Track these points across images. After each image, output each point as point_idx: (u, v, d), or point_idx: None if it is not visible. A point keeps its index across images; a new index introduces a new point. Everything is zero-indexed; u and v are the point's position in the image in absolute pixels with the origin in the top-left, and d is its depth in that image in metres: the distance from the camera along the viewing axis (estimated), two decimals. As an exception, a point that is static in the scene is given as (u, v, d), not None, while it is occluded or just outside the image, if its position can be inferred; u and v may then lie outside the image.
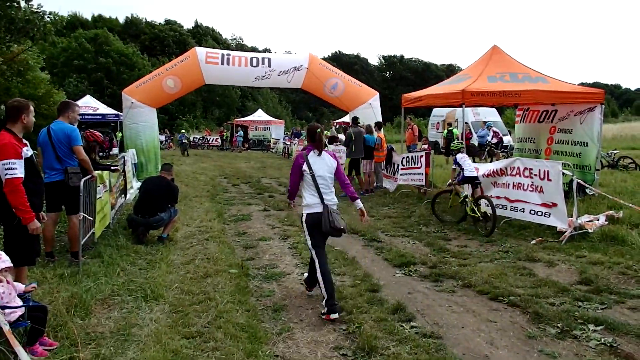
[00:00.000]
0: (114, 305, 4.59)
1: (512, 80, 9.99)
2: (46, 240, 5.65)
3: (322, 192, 4.68)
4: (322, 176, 4.73)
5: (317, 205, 4.68)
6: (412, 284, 5.43)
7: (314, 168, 4.70)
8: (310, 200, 4.71)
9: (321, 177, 4.72)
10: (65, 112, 5.73)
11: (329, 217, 4.59)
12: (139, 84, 13.86)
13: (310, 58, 14.91)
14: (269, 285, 5.46)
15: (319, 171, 4.72)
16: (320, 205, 4.66)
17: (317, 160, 4.76)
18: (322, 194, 4.68)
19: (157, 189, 7.13)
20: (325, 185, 4.74)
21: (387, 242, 7.39)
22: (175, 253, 6.53)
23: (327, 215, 4.60)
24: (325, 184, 4.75)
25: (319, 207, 4.67)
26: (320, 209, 4.66)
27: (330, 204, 4.70)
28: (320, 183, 4.69)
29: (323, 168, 4.76)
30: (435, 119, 28.45)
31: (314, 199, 4.69)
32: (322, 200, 4.67)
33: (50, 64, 38.63)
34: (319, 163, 4.76)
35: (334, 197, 4.79)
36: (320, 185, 4.69)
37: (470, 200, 8.22)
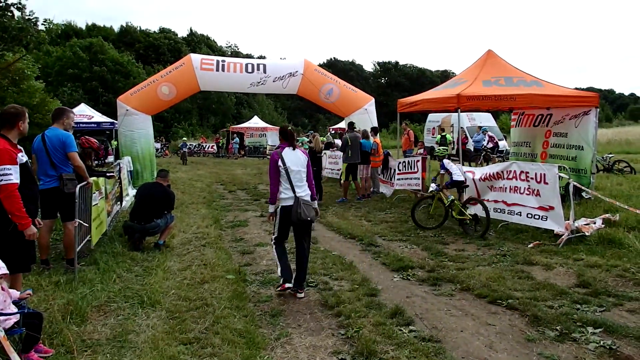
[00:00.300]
0: (110, 312, 4.54)
1: (507, 85, 10.05)
2: (41, 248, 5.60)
3: (294, 185, 5.06)
4: (295, 170, 5.08)
5: (289, 198, 5.06)
6: (410, 288, 5.41)
7: (288, 163, 5.06)
8: (284, 194, 5.09)
9: (294, 171, 5.08)
10: (60, 118, 5.70)
11: (298, 209, 4.98)
12: (134, 92, 13.85)
13: (306, 64, 14.95)
14: (267, 290, 5.43)
15: (293, 166, 5.08)
16: (293, 198, 5.03)
17: (290, 155, 5.13)
18: (294, 187, 5.05)
19: (153, 195, 7.10)
20: (298, 179, 5.11)
21: (385, 247, 7.37)
22: (172, 259, 6.49)
23: (296, 207, 4.99)
24: (299, 177, 5.12)
25: (291, 200, 5.05)
26: (291, 202, 5.03)
27: (301, 196, 5.06)
28: (293, 177, 5.06)
29: (296, 162, 5.12)
30: (431, 124, 28.58)
31: (288, 192, 5.07)
32: (295, 193, 5.03)
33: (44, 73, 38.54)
34: (293, 158, 5.12)
35: (306, 190, 5.16)
36: (294, 179, 5.07)
37: (458, 204, 8.30)
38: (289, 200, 5.07)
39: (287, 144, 5.22)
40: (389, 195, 12.36)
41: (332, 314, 4.65)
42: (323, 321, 4.53)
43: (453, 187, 8.60)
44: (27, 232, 3.98)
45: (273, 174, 5.13)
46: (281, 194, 5.12)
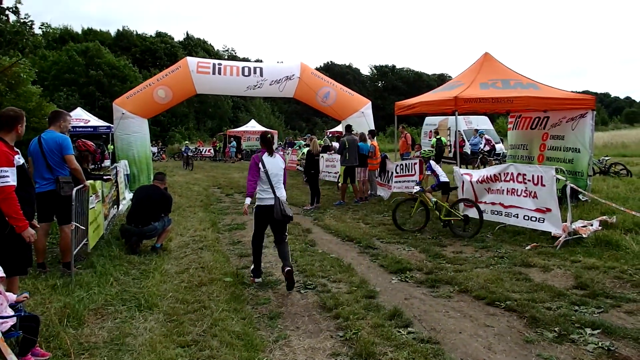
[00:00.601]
0: (107, 315, 4.52)
1: (504, 87, 10.07)
2: (37, 251, 5.56)
3: (274, 187, 5.52)
4: (274, 173, 5.56)
5: (269, 198, 5.51)
6: (408, 290, 5.41)
7: (268, 167, 5.53)
8: (264, 194, 5.54)
9: (274, 174, 5.55)
10: (56, 121, 5.68)
11: (280, 207, 5.44)
12: (130, 95, 13.84)
13: (302, 67, 14.98)
14: (265, 293, 5.41)
15: (272, 169, 5.55)
16: (273, 198, 5.49)
17: (270, 160, 5.60)
18: (274, 189, 5.51)
19: (150, 198, 7.08)
20: (277, 181, 5.58)
21: (383, 249, 7.37)
22: (169, 262, 6.47)
23: (278, 205, 5.45)
24: (277, 179, 5.59)
25: (271, 200, 5.50)
26: (272, 202, 5.49)
27: (281, 196, 5.56)
28: (273, 179, 5.52)
29: (275, 167, 5.60)
30: (428, 127, 28.62)
31: (267, 193, 5.52)
32: (275, 194, 5.48)
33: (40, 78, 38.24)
34: (272, 162, 5.60)
35: (283, 192, 5.67)
36: (273, 181, 5.52)
37: (446, 205, 8.36)
38: (269, 200, 5.51)
39: (266, 149, 5.67)
40: (387, 198, 12.35)
41: (331, 316, 4.64)
42: (321, 323, 4.52)
43: (440, 189, 8.65)
44: (24, 235, 3.95)
45: (252, 172, 5.58)
46: (261, 194, 5.56)
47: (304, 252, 7.14)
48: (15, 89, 15.07)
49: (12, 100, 14.44)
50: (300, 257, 6.77)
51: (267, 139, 5.76)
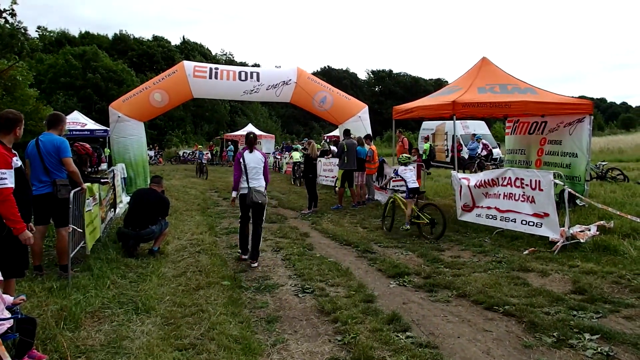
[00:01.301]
0: (104, 318, 4.48)
1: (501, 92, 10.10)
2: (34, 254, 5.52)
3: (249, 178, 6.71)
4: (252, 167, 6.75)
5: (245, 188, 6.72)
6: (406, 295, 5.40)
7: (247, 161, 6.74)
8: (242, 184, 6.76)
9: (251, 167, 6.74)
10: (57, 124, 5.65)
11: (250, 195, 6.65)
12: (126, 98, 13.80)
13: (299, 72, 15.00)
14: (263, 296, 5.39)
15: (250, 163, 6.76)
16: (247, 188, 6.68)
17: (249, 156, 6.81)
18: (249, 180, 6.70)
19: (147, 201, 7.05)
20: (255, 173, 6.76)
21: (381, 253, 7.36)
22: (167, 266, 6.44)
23: (249, 193, 6.66)
24: (255, 172, 6.76)
25: (246, 189, 6.70)
26: (246, 191, 6.68)
27: (254, 187, 6.71)
28: (250, 172, 6.71)
29: (253, 161, 6.79)
30: (425, 132, 28.71)
31: (244, 184, 6.74)
32: (248, 184, 6.68)
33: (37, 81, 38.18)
34: (251, 157, 6.80)
35: (260, 182, 6.81)
36: (250, 172, 6.72)
37: (415, 209, 8.59)
38: (244, 189, 6.73)
39: (247, 147, 6.88)
40: (384, 202, 12.35)
41: (329, 320, 4.62)
42: (319, 327, 4.50)
43: (410, 195, 8.86)
44: (22, 237, 3.93)
45: (236, 168, 6.87)
46: (241, 184, 6.76)
47: (302, 256, 7.12)
48: (12, 92, 15.04)
49: (9, 104, 14.38)
50: (298, 261, 6.74)
51: (249, 138, 7.02)
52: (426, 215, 8.45)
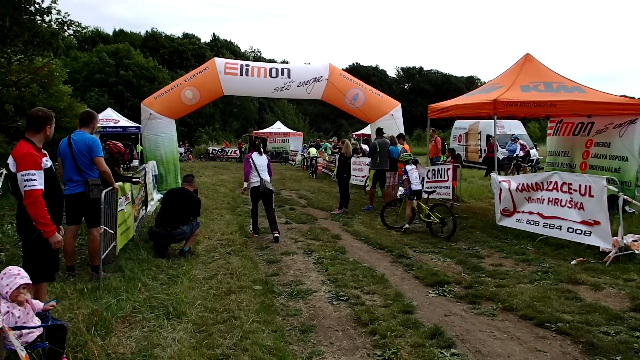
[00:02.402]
0: (135, 323, 4.36)
1: (546, 90, 9.58)
2: (66, 254, 5.48)
3: (260, 173, 8.42)
4: (260, 165, 8.53)
5: (257, 181, 8.41)
6: (447, 306, 5.09)
7: (256, 162, 8.53)
8: (254, 179, 8.46)
9: (260, 165, 8.52)
10: (90, 122, 5.57)
11: (262, 186, 8.32)
12: (158, 95, 13.85)
13: (330, 68, 14.74)
14: (296, 303, 5.18)
15: (259, 162, 8.56)
16: (259, 181, 8.36)
17: (257, 157, 8.64)
18: (260, 175, 8.40)
19: (178, 201, 6.95)
20: (262, 170, 8.48)
21: (416, 259, 7.06)
22: (197, 267, 6.31)
23: (261, 185, 8.33)
24: (262, 169, 8.50)
25: (258, 182, 8.37)
26: (258, 183, 8.36)
27: (264, 179, 8.41)
28: (259, 168, 8.47)
29: (261, 161, 8.61)
30: (457, 132, 28.02)
31: (256, 178, 8.45)
32: (260, 177, 8.38)
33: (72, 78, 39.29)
34: (259, 159, 8.63)
35: (266, 177, 8.49)
36: (259, 170, 8.47)
37: (425, 208, 8.63)
38: (257, 182, 8.38)
39: (254, 150, 8.82)
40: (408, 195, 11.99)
41: (366, 332, 4.38)
42: (357, 339, 4.26)
43: (413, 197, 8.93)
44: (51, 240, 3.83)
45: (246, 165, 8.62)
46: (253, 179, 8.47)
47: (335, 259, 6.89)
48: (47, 88, 15.32)
49: (44, 100, 14.67)
50: (331, 266, 6.51)
51: (255, 144, 9.28)
52: (436, 214, 8.47)
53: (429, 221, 8.57)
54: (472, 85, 71.25)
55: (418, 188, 9.01)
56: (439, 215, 8.40)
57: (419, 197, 8.99)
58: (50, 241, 3.82)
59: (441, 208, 8.78)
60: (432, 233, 8.39)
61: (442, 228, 8.33)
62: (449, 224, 8.32)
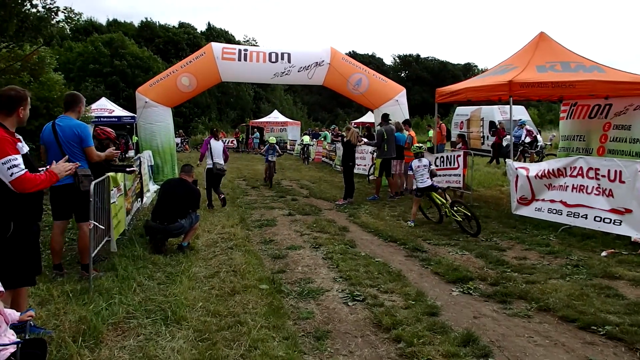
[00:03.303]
0: (129, 330, 3.86)
1: (564, 70, 9.03)
2: (53, 252, 4.95)
3: (214, 157, 9.84)
4: (216, 149, 9.93)
5: (210, 164, 9.84)
6: (475, 306, 4.61)
7: (213, 146, 9.92)
8: (209, 161, 9.87)
9: (215, 149, 9.92)
10: (75, 106, 4.97)
11: (215, 167, 9.79)
12: (153, 83, 13.25)
13: (332, 52, 14.12)
14: (307, 304, 4.69)
15: (215, 148, 9.95)
16: (212, 164, 9.80)
17: (214, 143, 10.02)
18: (214, 158, 9.83)
19: (176, 193, 6.43)
20: (216, 154, 9.88)
21: (432, 252, 6.58)
22: (197, 264, 5.80)
23: (214, 166, 9.77)
24: (217, 153, 9.89)
25: (211, 164, 9.81)
26: (211, 165, 9.80)
27: (217, 162, 9.84)
28: (214, 153, 9.86)
29: (217, 147, 10.00)
30: (459, 118, 27.48)
31: (210, 161, 9.86)
32: (213, 161, 9.80)
33: (66, 69, 38.61)
34: (215, 144, 10.01)
35: (220, 160, 9.94)
36: (214, 154, 9.87)
37: (445, 205, 8.03)
38: (210, 164, 9.83)
39: (212, 137, 10.20)
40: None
41: (390, 339, 3.89)
42: (379, 347, 3.78)
43: (421, 194, 8.42)
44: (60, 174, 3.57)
45: (204, 147, 10.16)
46: (208, 161, 9.90)
47: (345, 254, 6.39)
48: (38, 77, 14.67)
49: (35, 89, 14.01)
50: (342, 261, 6.02)
51: (213, 131, 10.46)
52: (461, 209, 7.71)
53: (457, 219, 7.72)
54: (469, 72, 70.56)
55: (424, 185, 8.36)
56: (462, 211, 7.68)
57: (433, 191, 8.34)
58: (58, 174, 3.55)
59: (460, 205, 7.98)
60: (462, 229, 7.63)
61: (469, 223, 7.57)
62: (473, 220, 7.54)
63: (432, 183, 8.41)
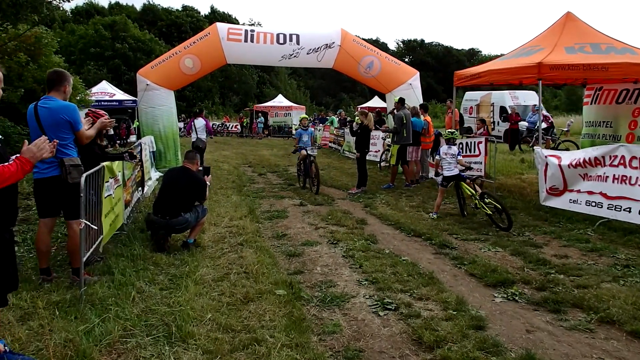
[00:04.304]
0: (126, 352, 3.27)
1: (594, 52, 8.40)
2: (40, 254, 4.35)
3: (198, 133, 12.42)
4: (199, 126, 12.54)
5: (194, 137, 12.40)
6: (524, 316, 4.01)
7: (196, 124, 12.54)
8: (193, 136, 12.56)
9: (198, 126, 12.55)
10: (59, 84, 4.29)
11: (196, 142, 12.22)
12: (155, 64, 12.56)
13: (343, 34, 13.38)
14: (331, 314, 4.10)
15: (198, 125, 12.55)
16: (196, 138, 12.26)
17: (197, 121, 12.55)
18: (197, 134, 12.42)
19: (178, 184, 5.80)
20: (200, 131, 12.49)
21: (462, 249, 5.97)
22: (205, 264, 5.21)
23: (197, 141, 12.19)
24: (200, 130, 12.54)
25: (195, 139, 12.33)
26: (195, 139, 12.29)
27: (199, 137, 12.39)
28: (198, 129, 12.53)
29: (199, 124, 12.55)
30: (468, 103, 26.73)
31: (194, 135, 12.51)
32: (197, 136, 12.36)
33: (68, 52, 37.88)
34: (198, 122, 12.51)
35: (203, 135, 12.56)
36: (198, 130, 12.52)
37: (475, 196, 7.33)
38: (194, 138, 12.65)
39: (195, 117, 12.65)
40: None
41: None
42: (422, 371, 3.19)
43: (447, 184, 7.80)
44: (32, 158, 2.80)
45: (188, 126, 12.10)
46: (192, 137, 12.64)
47: (367, 251, 5.79)
48: (36, 58, 13.98)
49: (33, 71, 13.34)
50: (365, 260, 5.42)
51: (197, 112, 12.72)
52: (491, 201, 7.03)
53: (488, 212, 7.04)
54: (473, 58, 69.38)
55: (452, 174, 7.66)
56: (493, 203, 7.02)
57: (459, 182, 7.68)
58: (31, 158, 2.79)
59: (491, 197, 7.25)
60: (493, 223, 7.01)
61: (500, 216, 6.92)
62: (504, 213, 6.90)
63: (460, 172, 7.75)
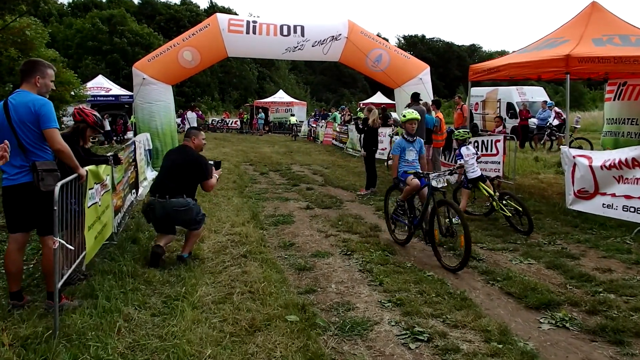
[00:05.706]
0: (107, 404, 2.66)
1: (624, 44, 7.82)
2: (9, 276, 3.68)
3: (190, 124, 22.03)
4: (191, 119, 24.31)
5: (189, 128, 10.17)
6: (582, 349, 3.40)
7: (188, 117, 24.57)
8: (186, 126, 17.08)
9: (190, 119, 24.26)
10: (31, 75, 3.64)
11: None
12: (152, 58, 11.95)
13: (350, 26, 12.76)
14: (353, 346, 3.47)
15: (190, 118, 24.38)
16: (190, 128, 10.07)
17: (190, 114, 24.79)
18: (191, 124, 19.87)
19: (174, 161, 5.13)
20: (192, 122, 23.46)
21: (491, 261, 5.36)
22: (204, 281, 4.57)
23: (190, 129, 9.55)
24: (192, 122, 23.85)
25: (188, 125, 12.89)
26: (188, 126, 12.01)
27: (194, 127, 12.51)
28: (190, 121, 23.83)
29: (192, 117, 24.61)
30: (474, 99, 26.00)
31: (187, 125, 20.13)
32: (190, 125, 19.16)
33: (65, 46, 37.18)
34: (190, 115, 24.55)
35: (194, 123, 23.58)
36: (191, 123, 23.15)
37: (493, 197, 6.93)
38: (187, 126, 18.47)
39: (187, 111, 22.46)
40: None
41: (485, 413, 2.68)
42: None
43: (470, 187, 7.20)
44: None
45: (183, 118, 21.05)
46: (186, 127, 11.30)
47: (386, 265, 5.16)
48: (27, 52, 13.34)
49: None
50: (385, 275, 4.79)
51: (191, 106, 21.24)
52: (511, 203, 6.68)
53: (507, 214, 6.69)
54: (474, 54, 68.71)
55: (476, 175, 7.14)
56: (513, 205, 6.62)
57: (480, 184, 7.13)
58: None
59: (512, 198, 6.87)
60: (512, 227, 6.64)
61: (520, 219, 6.54)
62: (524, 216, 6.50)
63: (482, 173, 7.17)
